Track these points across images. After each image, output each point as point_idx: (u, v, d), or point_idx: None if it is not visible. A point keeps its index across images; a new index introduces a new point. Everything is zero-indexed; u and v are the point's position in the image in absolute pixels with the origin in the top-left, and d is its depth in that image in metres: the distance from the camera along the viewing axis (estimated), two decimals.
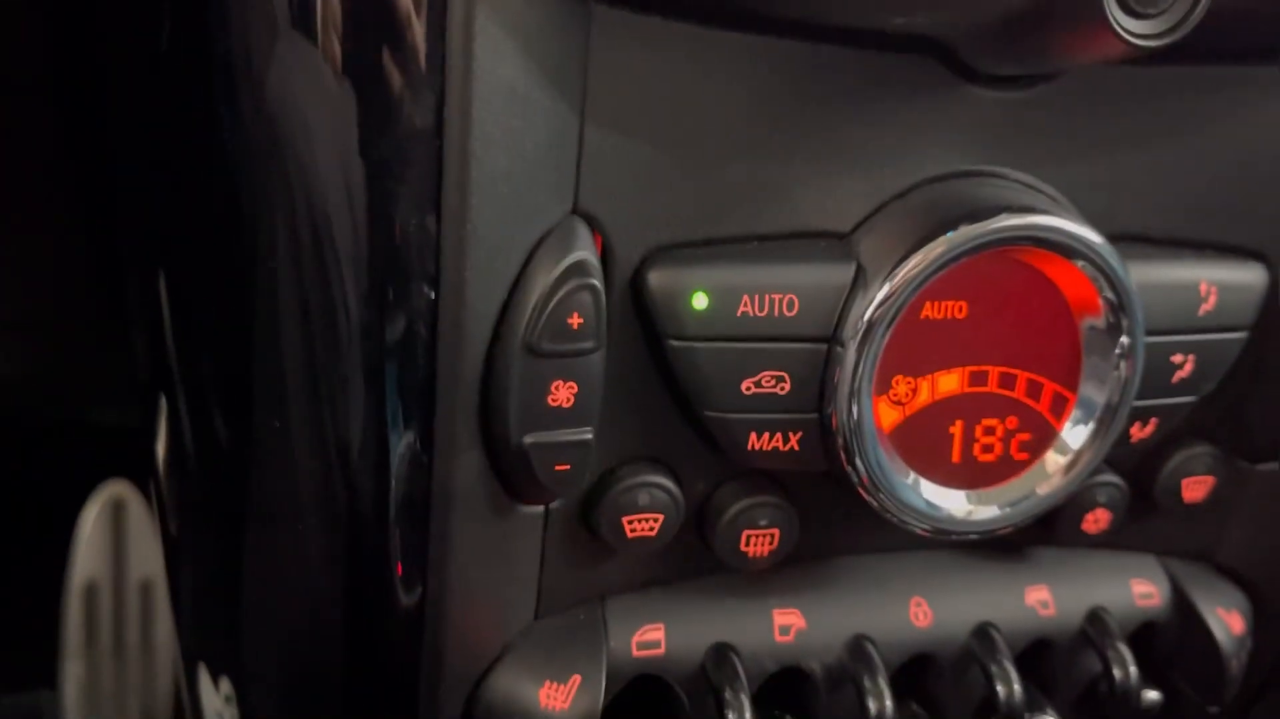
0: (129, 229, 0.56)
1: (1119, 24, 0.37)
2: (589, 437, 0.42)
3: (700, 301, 0.42)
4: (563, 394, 0.41)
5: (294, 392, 0.43)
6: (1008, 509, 0.47)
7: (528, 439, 0.41)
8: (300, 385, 0.43)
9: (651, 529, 0.46)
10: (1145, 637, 0.56)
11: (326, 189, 0.39)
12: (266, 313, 0.42)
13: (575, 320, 0.40)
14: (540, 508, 0.45)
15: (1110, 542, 0.55)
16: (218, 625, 0.58)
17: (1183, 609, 0.56)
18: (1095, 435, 0.47)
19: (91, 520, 0.97)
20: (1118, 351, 0.45)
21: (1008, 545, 0.54)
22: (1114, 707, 0.54)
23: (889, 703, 0.48)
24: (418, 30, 0.36)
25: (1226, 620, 0.56)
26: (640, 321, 0.43)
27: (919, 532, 0.47)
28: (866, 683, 0.49)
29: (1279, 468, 0.55)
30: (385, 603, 0.46)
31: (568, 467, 0.42)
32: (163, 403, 0.54)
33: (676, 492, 0.46)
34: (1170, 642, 0.56)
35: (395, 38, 0.37)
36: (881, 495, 0.46)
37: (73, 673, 0.97)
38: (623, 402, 0.44)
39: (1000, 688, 0.50)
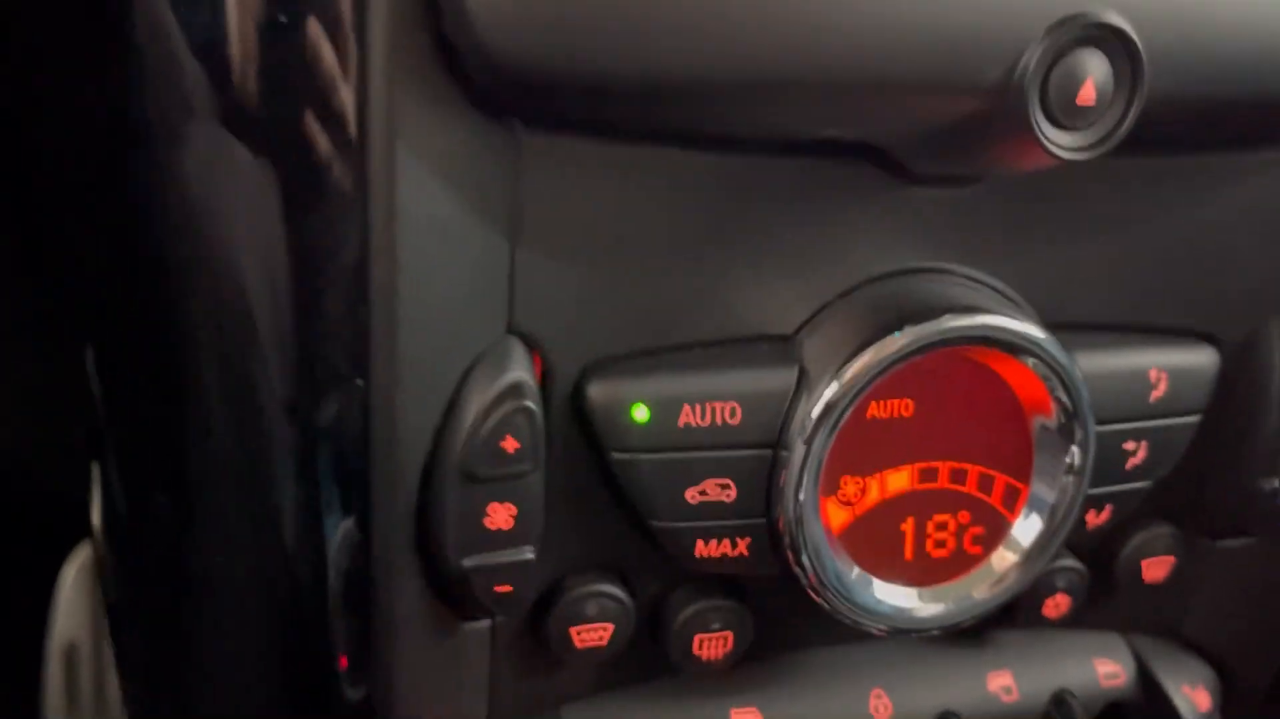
0: (61, 302, 0.55)
1: (1047, 138, 0.36)
2: (530, 557, 0.41)
3: (641, 414, 0.42)
4: (501, 516, 0.40)
5: (227, 516, 0.42)
6: (960, 606, 0.47)
7: (467, 562, 0.40)
8: (233, 509, 0.42)
9: (601, 639, 0.45)
10: (1112, 716, 0.55)
11: (256, 315, 0.39)
12: (200, 440, 0.42)
13: (510, 444, 0.39)
14: (486, 623, 0.44)
15: (1073, 622, 0.54)
16: (160, 697, 0.57)
17: (1149, 688, 0.55)
18: (1046, 533, 0.47)
19: (70, 581, 0.96)
20: (1069, 459, 0.45)
21: (968, 631, 0.54)
22: None
23: None
24: (340, 165, 0.36)
25: (1193, 698, 0.55)
26: (583, 435, 0.42)
27: (874, 631, 0.47)
28: None
29: (1241, 544, 0.54)
30: (329, 698, 0.46)
31: (509, 588, 0.41)
32: (96, 472, 0.53)
33: (627, 600, 0.45)
34: None
35: (318, 172, 0.36)
36: (832, 597, 0.45)
37: None
38: (569, 513, 0.44)
39: None
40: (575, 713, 0.48)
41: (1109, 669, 0.55)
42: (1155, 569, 0.53)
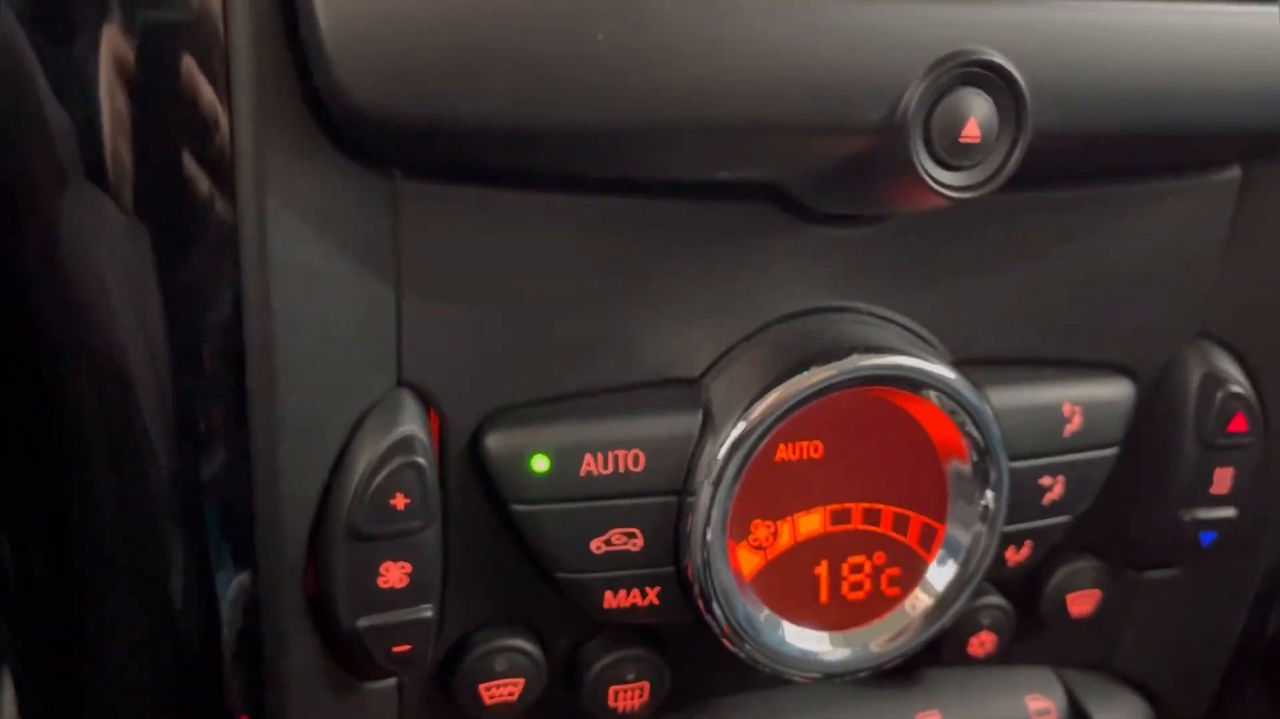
0: None
1: (932, 177, 0.36)
2: (429, 614, 0.40)
3: (541, 464, 0.41)
4: (394, 575, 0.39)
5: (115, 581, 0.41)
6: (876, 650, 0.46)
7: (361, 623, 0.39)
8: (121, 574, 0.41)
9: (511, 694, 0.44)
10: None
11: (134, 371, 0.38)
12: (84, 504, 0.40)
13: (400, 501, 0.38)
14: (391, 681, 0.43)
15: (1002, 658, 0.53)
16: None
17: None
18: (962, 575, 0.46)
19: None
20: (983, 502, 0.44)
21: (896, 670, 0.53)
22: None
23: None
24: (212, 216, 0.35)
25: None
26: (482, 487, 0.41)
27: (792, 677, 0.46)
28: None
29: (1168, 575, 0.54)
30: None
31: (408, 647, 0.40)
32: None
33: (537, 653, 0.44)
34: None
35: (191, 223, 0.35)
36: (745, 644, 0.44)
37: None
38: (473, 566, 0.43)
39: None
40: None
41: (1040, 705, 0.54)
42: (1081, 603, 0.52)
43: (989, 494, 0.44)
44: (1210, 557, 0.53)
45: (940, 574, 0.46)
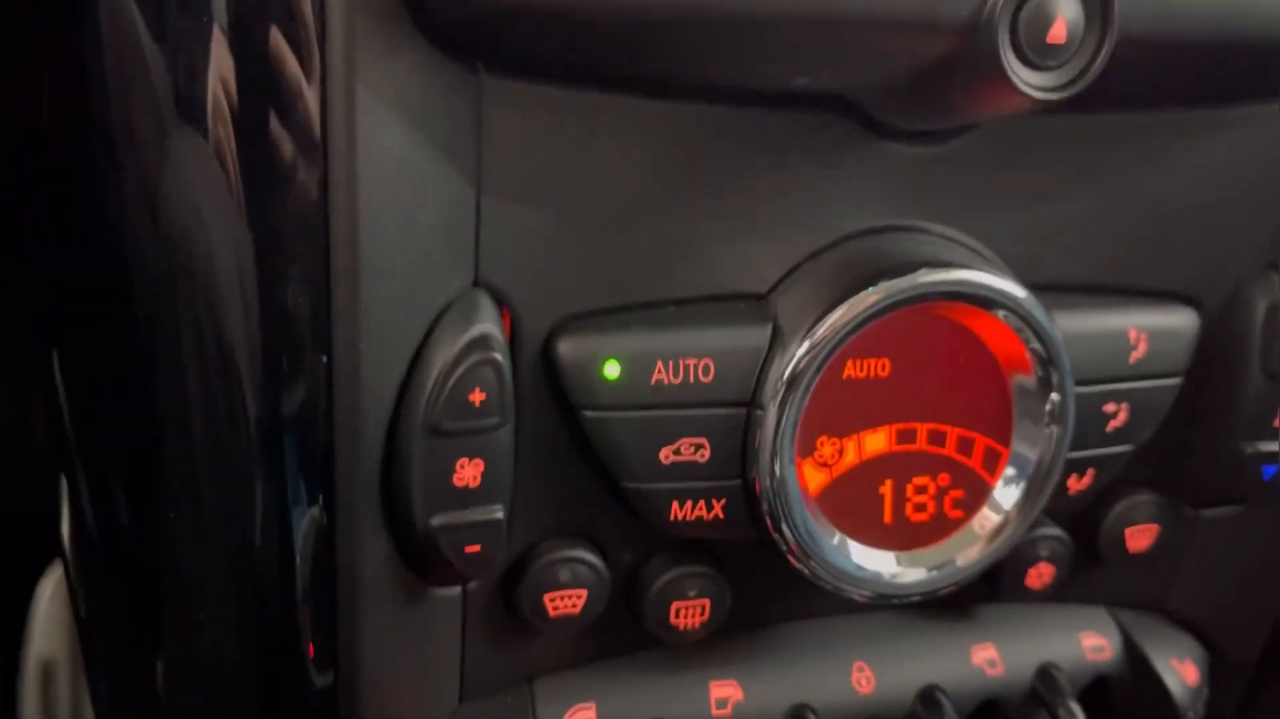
0: (22, 308, 0.54)
1: (1019, 78, 0.36)
2: (500, 516, 0.40)
3: (612, 370, 0.41)
4: (469, 473, 0.39)
5: (193, 476, 0.41)
6: (941, 572, 0.46)
7: (434, 521, 0.39)
8: (199, 470, 0.41)
9: (575, 607, 0.44)
10: (1098, 691, 0.54)
11: (214, 265, 0.38)
12: (161, 397, 0.41)
13: (478, 397, 0.38)
14: (456, 589, 0.43)
15: (1058, 594, 0.53)
16: (133, 708, 0.55)
17: (1135, 662, 0.54)
18: (1028, 494, 0.46)
19: (46, 597, 0.94)
20: (1048, 408, 0.44)
21: (952, 603, 0.53)
22: None
23: None
24: (300, 106, 0.35)
25: (1180, 672, 0.54)
26: (552, 393, 0.42)
27: (854, 597, 0.46)
28: None
29: (1226, 513, 0.53)
30: (298, 690, 0.45)
31: (478, 548, 0.40)
32: (64, 484, 0.52)
33: (600, 566, 0.44)
34: (1123, 696, 0.54)
35: (278, 114, 0.36)
36: (811, 562, 0.44)
37: None
38: (540, 475, 0.43)
39: None
40: (548, 686, 0.47)
41: (1095, 643, 0.54)
42: (1139, 538, 0.52)
43: (1054, 401, 0.44)
44: (1270, 495, 0.52)
45: (1005, 496, 0.46)
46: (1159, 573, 0.55)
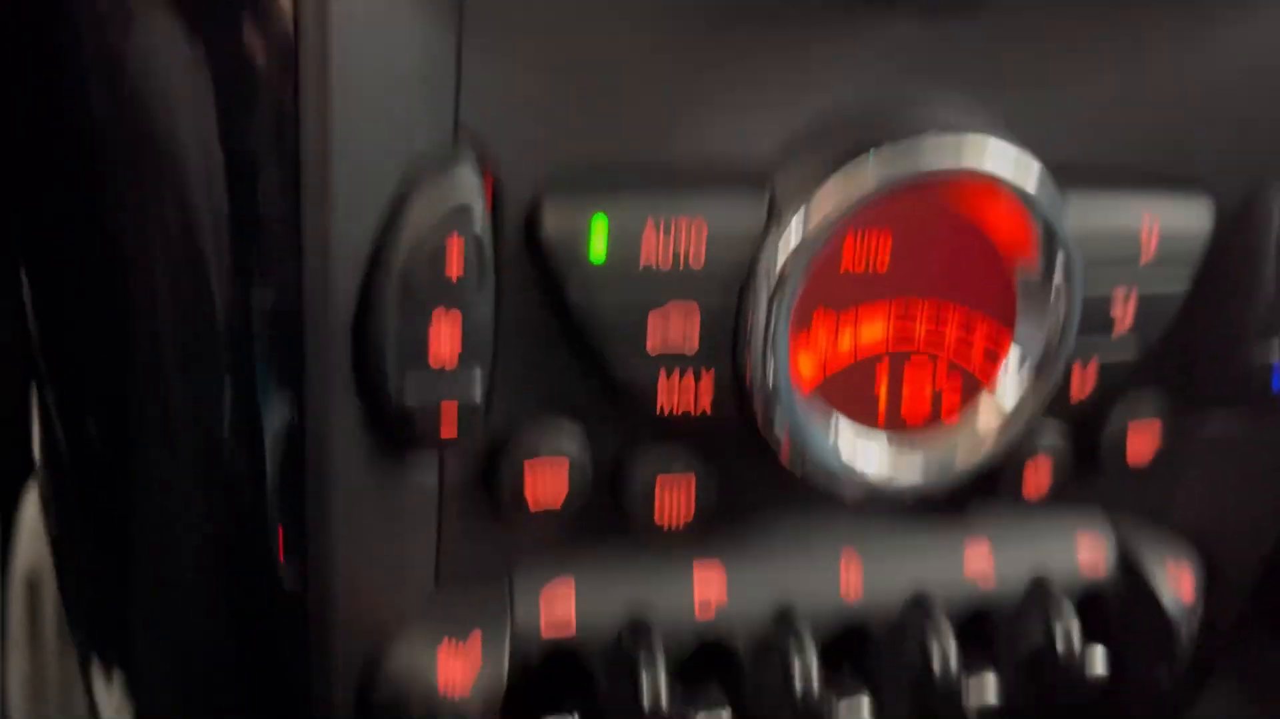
0: None
1: None
2: (478, 398, 0.38)
3: (599, 246, 0.39)
4: (446, 343, 0.37)
5: (158, 365, 0.39)
6: (938, 471, 0.44)
7: (408, 399, 0.37)
8: (164, 358, 0.39)
9: (556, 500, 0.42)
10: (1091, 603, 0.53)
11: (176, 125, 0.36)
12: (126, 276, 0.39)
13: (458, 257, 0.36)
14: (433, 479, 0.42)
15: (1054, 502, 0.52)
16: (106, 617, 0.54)
17: (1130, 575, 0.53)
18: (1030, 391, 0.44)
19: (30, 507, 0.93)
20: (1054, 298, 0.42)
21: (945, 506, 0.51)
22: (1058, 677, 0.51)
23: (816, 683, 0.45)
24: None
25: (1176, 586, 0.53)
26: (535, 269, 0.39)
27: (845, 497, 0.44)
28: (795, 661, 0.46)
29: (1230, 420, 0.52)
30: (267, 587, 0.43)
31: (455, 429, 0.38)
32: (34, 392, 0.50)
33: (584, 457, 0.43)
34: (1116, 610, 0.53)
35: None
36: (802, 459, 0.43)
37: (17, 668, 0.93)
38: (520, 359, 0.41)
39: (937, 665, 0.47)
40: (528, 573, 0.45)
41: (1090, 554, 0.53)
42: (1140, 445, 0.50)
43: (1060, 287, 0.42)
44: (1274, 408, 0.51)
45: (1006, 395, 0.44)
46: (1157, 483, 0.53)
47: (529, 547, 0.45)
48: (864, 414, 0.44)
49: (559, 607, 0.45)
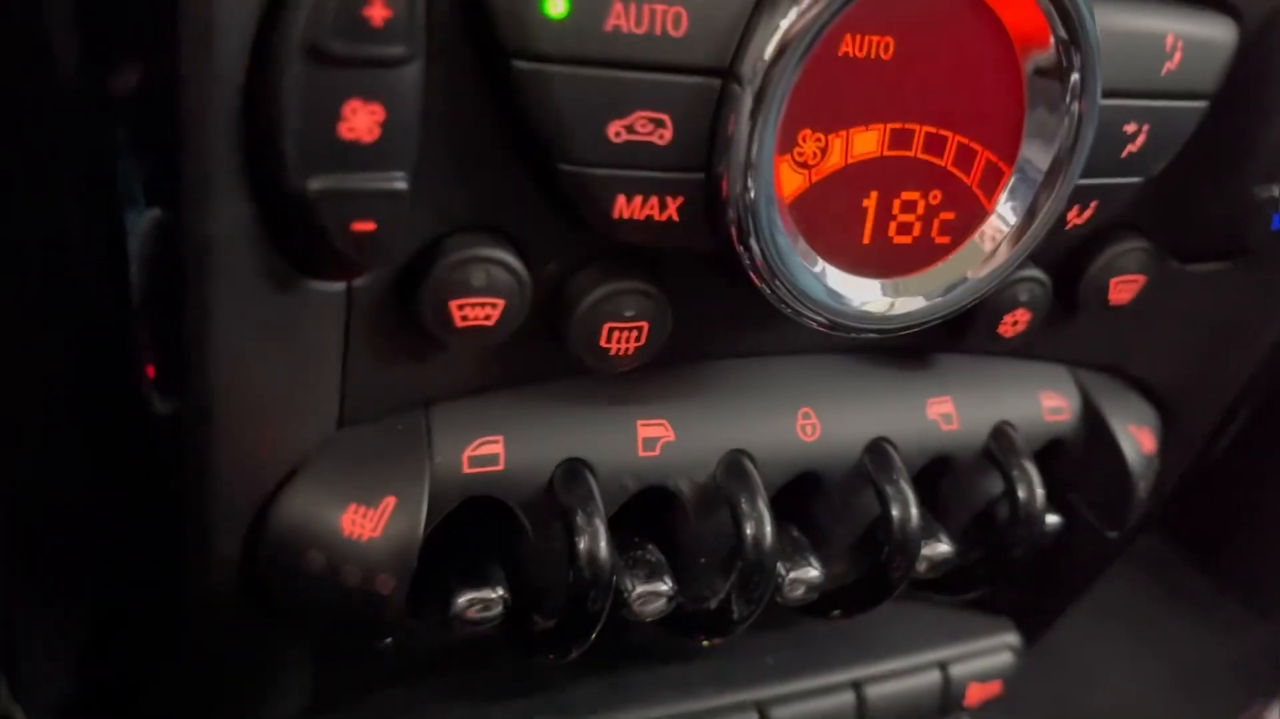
0: None
1: None
2: (402, 186, 0.31)
3: (557, 6, 0.31)
4: (362, 120, 0.30)
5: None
6: (933, 300, 0.39)
7: (313, 184, 0.30)
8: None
9: (489, 317, 0.36)
10: (1052, 453, 0.50)
11: None
12: None
13: (380, 13, 0.28)
14: (340, 285, 0.34)
15: (1019, 351, 0.48)
16: None
17: (1092, 425, 0.50)
18: (1036, 205, 0.39)
19: None
20: (1068, 99, 0.37)
21: (908, 351, 0.47)
22: (1010, 532, 0.48)
23: (769, 528, 0.41)
24: None
25: (1137, 438, 0.50)
26: (475, 33, 0.32)
27: (816, 326, 0.39)
28: (743, 505, 0.41)
29: (1211, 269, 0.48)
30: (135, 410, 0.36)
31: (371, 226, 0.31)
32: None
33: (522, 270, 0.36)
34: (1076, 460, 0.50)
35: None
36: (777, 283, 0.37)
37: None
38: (451, 148, 0.34)
39: (895, 511, 0.43)
40: (447, 413, 0.39)
41: (1054, 403, 0.49)
42: (1122, 290, 0.46)
43: (1075, 100, 0.37)
44: (1260, 259, 0.47)
45: (1003, 219, 0.39)
46: (1127, 332, 0.50)
47: (449, 382, 0.39)
48: (846, 235, 0.38)
49: (484, 446, 0.39)
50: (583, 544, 0.39)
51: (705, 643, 0.46)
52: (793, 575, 0.44)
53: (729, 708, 0.51)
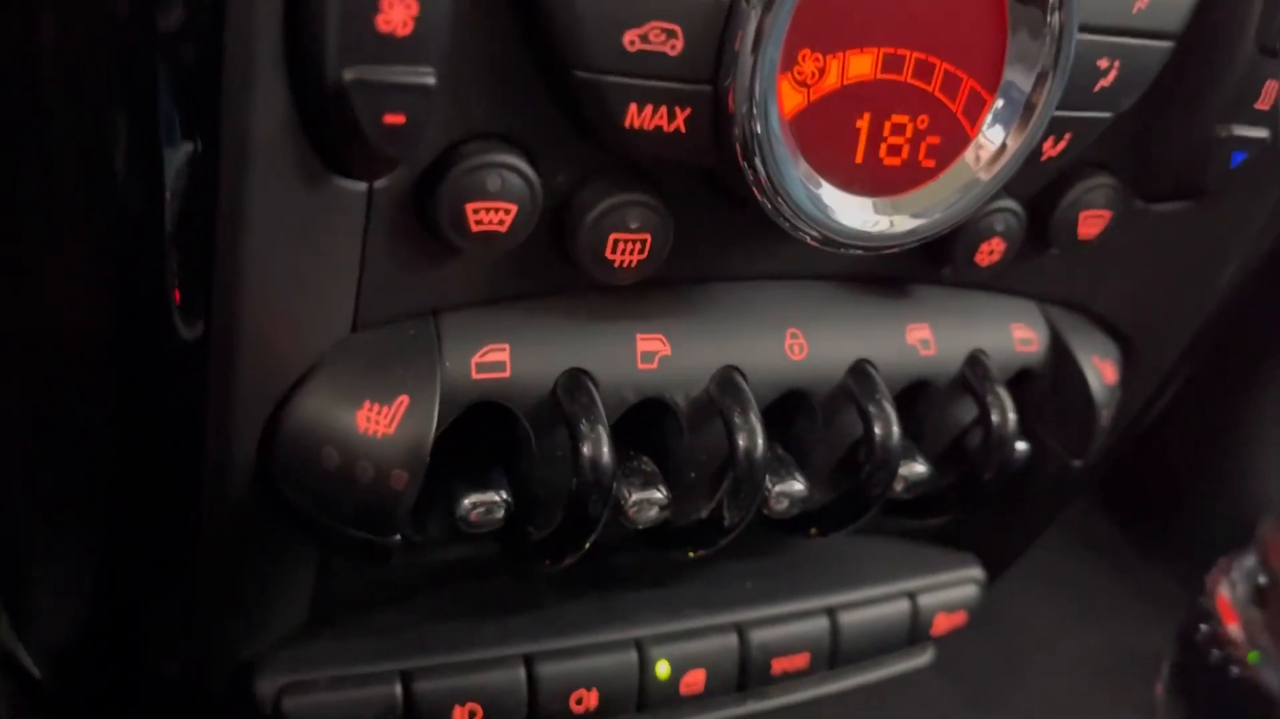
0: None
1: None
2: (431, 80, 0.33)
3: None
4: (398, 14, 0.31)
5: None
6: (919, 220, 0.41)
7: (349, 74, 0.31)
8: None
9: (502, 222, 0.37)
10: (1021, 383, 0.52)
11: None
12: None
13: None
14: (362, 185, 0.36)
15: (992, 284, 0.50)
16: None
17: (1059, 356, 0.53)
18: (1016, 131, 0.41)
19: None
20: (1047, 32, 0.39)
21: (888, 281, 0.49)
22: (983, 456, 0.50)
23: (760, 439, 0.43)
24: None
25: (1100, 369, 0.53)
26: None
27: (810, 241, 0.41)
28: (736, 418, 0.43)
29: (1174, 209, 0.51)
30: (158, 299, 0.37)
31: (401, 119, 0.33)
32: None
33: (534, 178, 0.37)
34: (1044, 389, 0.53)
35: None
36: (779, 197, 0.39)
37: None
38: (470, 56, 0.35)
39: (878, 429, 0.46)
40: (456, 320, 0.40)
41: (1024, 334, 0.52)
42: (1090, 224, 0.49)
43: (1053, 45, 0.39)
44: (1229, 187, 0.49)
45: (988, 143, 0.41)
46: (1093, 268, 0.52)
47: (459, 291, 0.40)
48: (840, 154, 0.40)
49: (492, 353, 0.41)
50: (586, 448, 0.40)
51: (691, 554, 0.48)
52: (778, 489, 0.46)
53: (711, 629, 0.53)
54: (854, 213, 0.41)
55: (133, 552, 0.48)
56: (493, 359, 0.41)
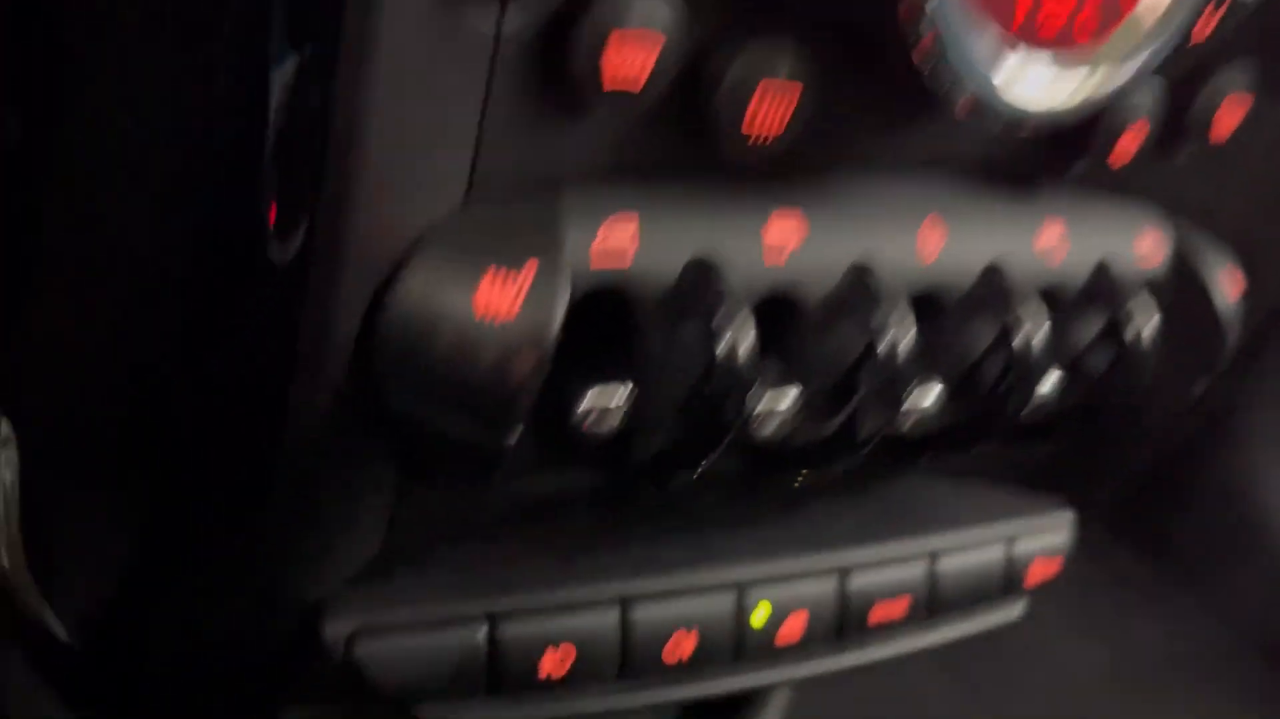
0: None
1: None
2: None
3: None
4: None
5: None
6: (1094, 83, 0.37)
7: None
8: None
9: (640, 71, 0.33)
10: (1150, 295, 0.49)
11: None
12: None
13: None
14: (489, 27, 0.31)
15: (1128, 181, 0.47)
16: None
17: (1185, 272, 0.49)
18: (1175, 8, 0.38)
19: None
20: None
21: (1021, 175, 0.45)
22: (1115, 374, 0.46)
23: (911, 334, 0.39)
24: None
25: (1226, 286, 0.49)
26: None
27: (971, 111, 0.36)
28: (878, 315, 0.39)
29: None
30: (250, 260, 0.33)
31: None
32: None
33: (681, 14, 0.33)
34: (1169, 304, 0.49)
35: None
36: (939, 58, 0.35)
37: None
38: None
39: (1022, 337, 0.42)
40: (580, 192, 0.36)
41: (1150, 247, 0.48)
42: (1228, 118, 0.45)
43: None
44: None
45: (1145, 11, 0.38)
46: (1221, 178, 0.49)
47: (583, 162, 0.36)
48: (998, 21, 0.36)
49: (615, 236, 0.36)
50: (723, 343, 0.36)
51: (799, 482, 0.44)
52: (912, 397, 0.42)
53: (811, 572, 0.49)
54: (1023, 80, 0.37)
55: (189, 493, 0.43)
56: (614, 246, 0.36)
